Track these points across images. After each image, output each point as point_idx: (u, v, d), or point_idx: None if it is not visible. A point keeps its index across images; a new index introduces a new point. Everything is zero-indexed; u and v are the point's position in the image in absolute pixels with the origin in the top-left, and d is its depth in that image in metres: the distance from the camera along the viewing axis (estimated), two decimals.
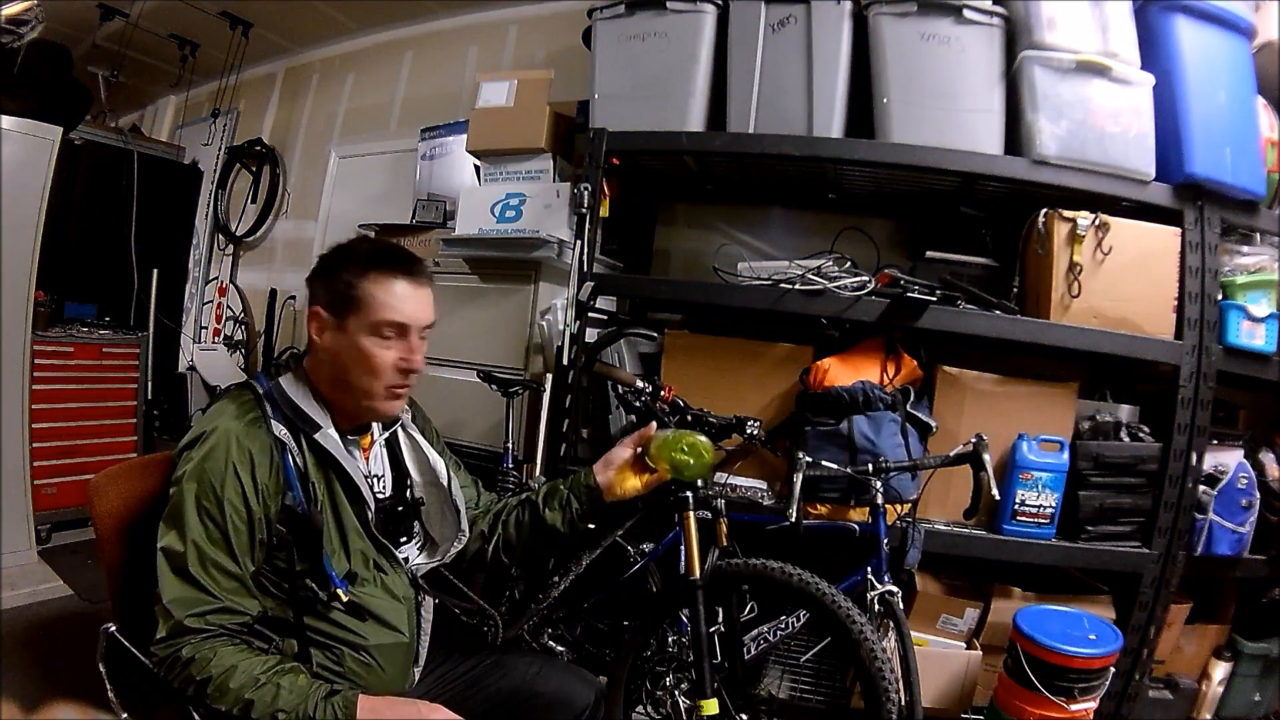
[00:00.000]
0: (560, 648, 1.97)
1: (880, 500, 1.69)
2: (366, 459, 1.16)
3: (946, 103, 1.89)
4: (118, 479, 1.12)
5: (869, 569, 1.65)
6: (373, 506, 1.10)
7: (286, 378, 1.11)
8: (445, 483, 1.21)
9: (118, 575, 1.09)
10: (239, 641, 0.96)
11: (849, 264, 1.97)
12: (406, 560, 1.18)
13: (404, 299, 1.06)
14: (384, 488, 1.18)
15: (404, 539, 1.19)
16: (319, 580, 1.02)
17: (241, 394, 1.08)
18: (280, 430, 1.03)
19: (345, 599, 1.02)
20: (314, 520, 1.01)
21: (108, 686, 1.05)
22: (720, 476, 1.95)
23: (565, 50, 2.92)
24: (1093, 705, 1.62)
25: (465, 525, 1.22)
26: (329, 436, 1.06)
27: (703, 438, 1.36)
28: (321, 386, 1.11)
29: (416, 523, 1.22)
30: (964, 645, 1.94)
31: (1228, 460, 1.88)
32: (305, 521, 1.01)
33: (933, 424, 1.92)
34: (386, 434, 1.20)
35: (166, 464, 1.07)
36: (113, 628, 1.06)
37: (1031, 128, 1.83)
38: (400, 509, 1.19)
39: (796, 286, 1.88)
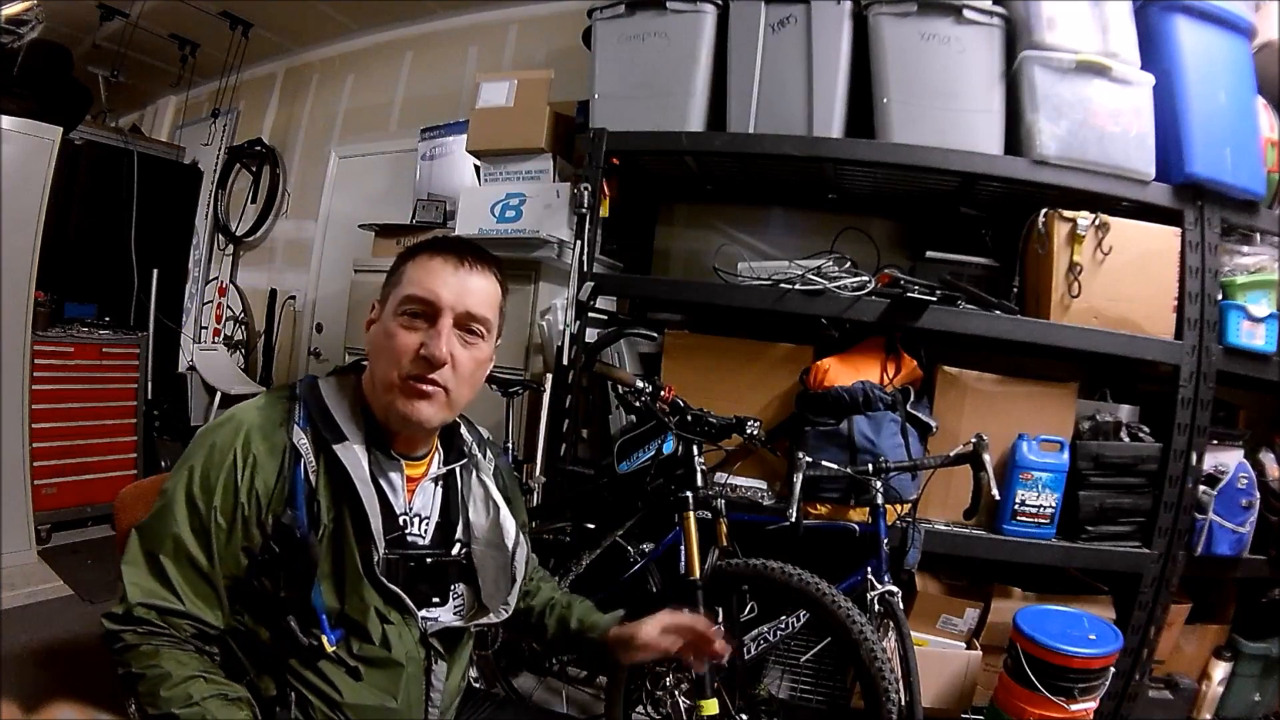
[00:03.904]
0: None
1: (880, 500, 1.68)
2: (411, 492, 0.99)
3: (946, 103, 1.89)
4: (144, 495, 1.09)
5: (869, 569, 1.65)
6: (381, 545, 0.92)
7: (330, 380, 0.99)
8: (510, 549, 1.02)
9: None
10: (189, 648, 0.85)
11: (849, 264, 1.97)
12: (427, 620, 0.98)
13: (434, 274, 0.93)
14: (424, 531, 1.00)
15: (436, 599, 0.99)
16: (304, 619, 0.88)
17: (280, 390, 0.98)
18: (300, 438, 0.91)
19: (331, 649, 0.89)
20: (310, 549, 0.88)
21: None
22: (720, 476, 1.95)
23: (565, 50, 2.93)
24: (1093, 705, 1.62)
25: (512, 600, 1.03)
26: (350, 450, 0.92)
27: None
28: (368, 394, 0.97)
29: (462, 585, 1.02)
30: (964, 645, 1.94)
31: (1228, 460, 1.88)
32: (301, 547, 0.87)
33: (933, 424, 1.92)
34: (445, 469, 1.04)
35: None
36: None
37: (1031, 128, 1.83)
38: (430, 561, 0.99)
39: (796, 286, 1.88)
